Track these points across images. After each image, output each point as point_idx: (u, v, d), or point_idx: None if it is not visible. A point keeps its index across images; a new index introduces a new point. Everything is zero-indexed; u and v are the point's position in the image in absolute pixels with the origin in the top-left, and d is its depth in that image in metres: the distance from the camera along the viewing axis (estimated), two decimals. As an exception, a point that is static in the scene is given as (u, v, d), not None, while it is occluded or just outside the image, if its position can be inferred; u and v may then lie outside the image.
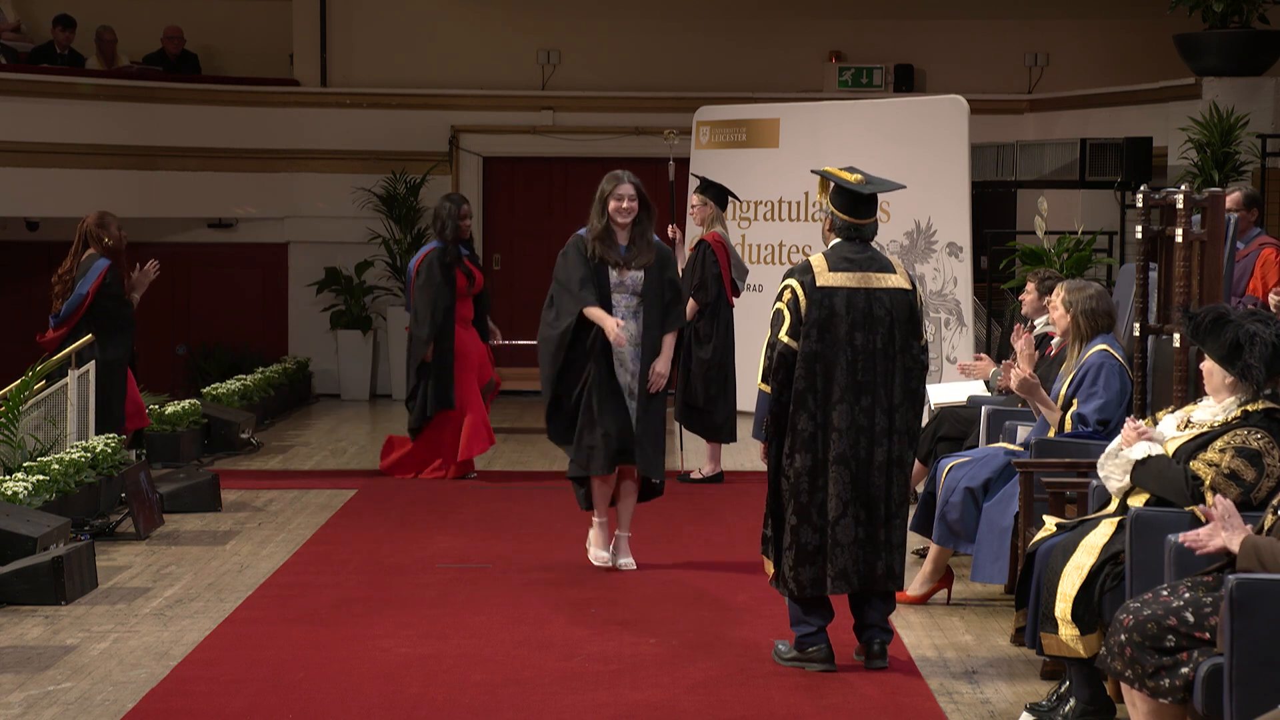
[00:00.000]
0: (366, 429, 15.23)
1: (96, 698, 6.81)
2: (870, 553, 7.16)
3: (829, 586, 7.15)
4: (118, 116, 16.55)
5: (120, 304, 11.66)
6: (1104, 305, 8.11)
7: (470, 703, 6.77)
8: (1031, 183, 14.45)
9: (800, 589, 7.16)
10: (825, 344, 7.13)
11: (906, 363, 7.19)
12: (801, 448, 7.14)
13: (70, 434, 10.86)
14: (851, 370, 7.13)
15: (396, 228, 17.40)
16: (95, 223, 11.77)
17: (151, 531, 10.10)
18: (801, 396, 7.13)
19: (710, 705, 6.74)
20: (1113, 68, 17.13)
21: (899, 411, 7.17)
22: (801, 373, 7.13)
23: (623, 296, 9.04)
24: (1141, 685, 5.50)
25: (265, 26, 18.29)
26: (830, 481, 7.13)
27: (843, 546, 7.12)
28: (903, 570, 7.31)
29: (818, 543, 7.14)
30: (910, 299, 7.22)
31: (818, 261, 7.23)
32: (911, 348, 7.20)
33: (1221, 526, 5.51)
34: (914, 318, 7.22)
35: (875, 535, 7.16)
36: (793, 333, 7.14)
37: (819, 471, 7.14)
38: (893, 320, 7.17)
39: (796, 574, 7.15)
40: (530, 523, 10.56)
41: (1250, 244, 10.31)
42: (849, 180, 7.25)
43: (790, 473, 7.16)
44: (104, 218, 11.82)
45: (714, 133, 15.59)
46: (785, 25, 17.82)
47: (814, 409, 7.14)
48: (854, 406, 7.13)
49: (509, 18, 17.86)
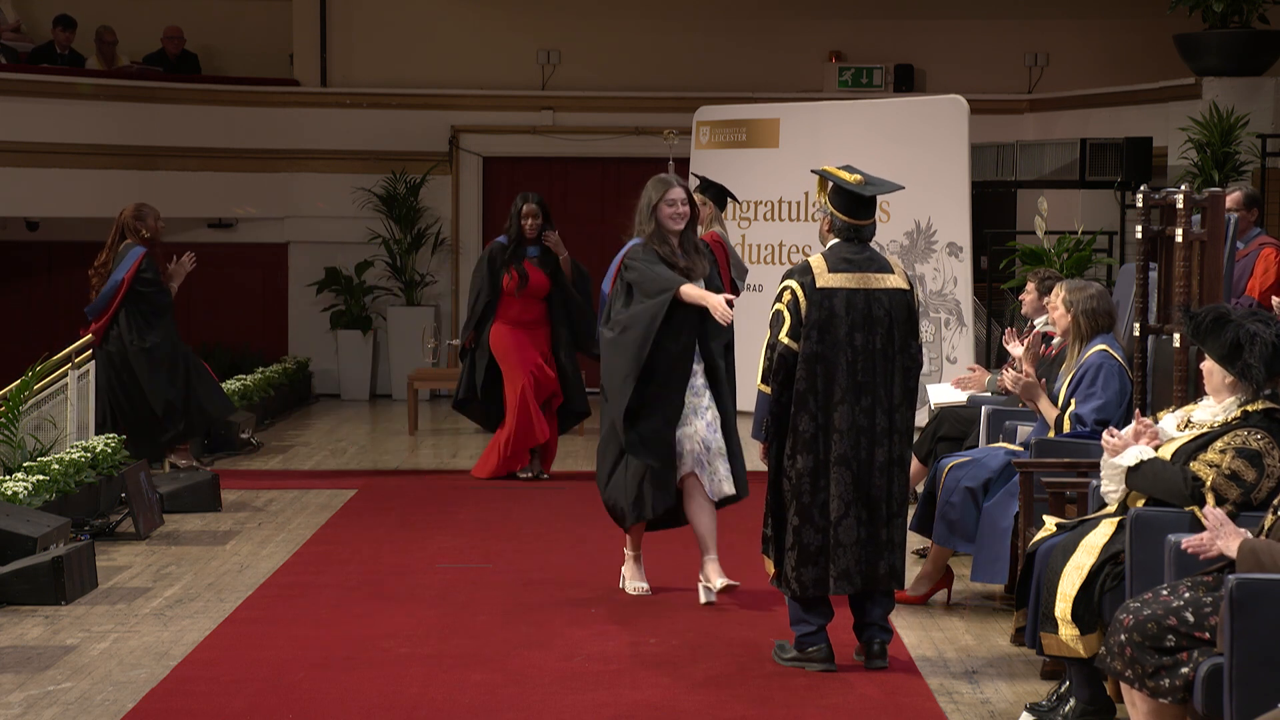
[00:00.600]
0: (366, 429, 15.23)
1: (96, 698, 6.81)
2: (872, 552, 7.17)
3: (832, 587, 7.15)
4: (118, 116, 16.55)
5: (158, 290, 11.75)
6: (1104, 305, 8.11)
7: (470, 703, 6.77)
8: (1031, 183, 14.45)
9: (803, 589, 7.16)
10: (826, 345, 7.13)
11: (905, 362, 7.20)
12: (803, 449, 7.14)
13: (70, 434, 10.86)
14: (852, 371, 7.13)
15: (396, 228, 17.41)
16: (133, 214, 11.88)
17: (151, 531, 10.10)
18: (802, 398, 7.13)
19: (710, 705, 6.74)
20: (1113, 68, 17.13)
21: (899, 411, 7.19)
22: (802, 374, 7.13)
23: None
24: (1141, 685, 5.50)
25: (265, 26, 18.29)
26: (832, 482, 7.13)
27: (845, 547, 7.13)
28: (904, 569, 7.31)
29: (820, 543, 7.14)
30: (908, 299, 7.23)
31: (817, 262, 7.24)
32: (910, 347, 7.22)
33: (1216, 537, 5.50)
34: (912, 318, 7.24)
35: (877, 535, 7.17)
36: (793, 334, 7.15)
37: (820, 472, 7.14)
38: (892, 320, 7.18)
39: (799, 574, 7.15)
40: (530, 523, 10.56)
41: (1250, 244, 10.30)
42: (849, 181, 7.25)
43: (792, 474, 7.16)
44: (141, 209, 11.93)
45: (714, 133, 15.60)
46: (785, 25, 17.82)
47: (815, 410, 7.14)
48: (854, 407, 7.13)
49: (509, 18, 17.87)
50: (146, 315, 11.70)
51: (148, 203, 12.14)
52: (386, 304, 17.48)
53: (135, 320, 11.75)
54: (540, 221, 11.89)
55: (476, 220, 17.71)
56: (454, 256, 17.62)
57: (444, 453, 13.72)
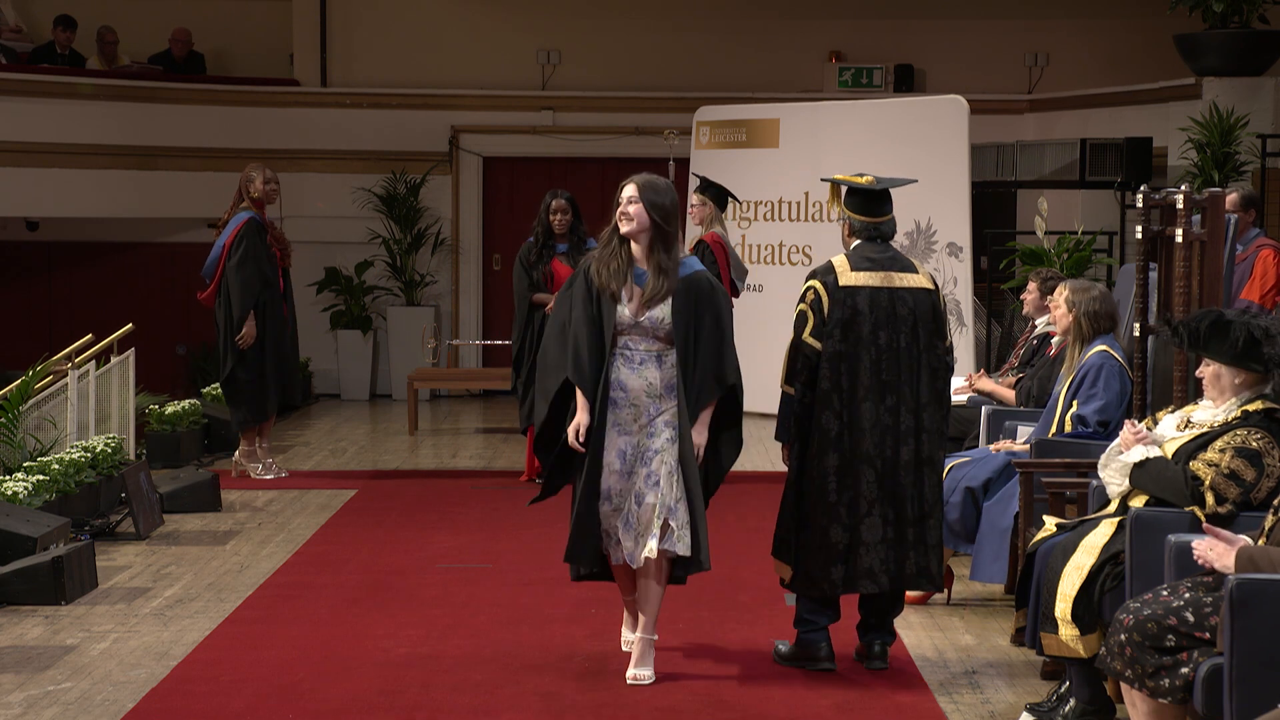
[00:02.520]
0: (366, 429, 15.23)
1: (96, 698, 6.81)
2: (899, 552, 7.14)
3: (857, 586, 7.13)
4: (118, 116, 16.54)
5: (253, 259, 11.71)
6: (1107, 307, 8.10)
7: (470, 703, 6.77)
8: (1031, 183, 14.44)
9: (832, 588, 7.14)
10: (849, 343, 7.11)
11: (932, 362, 7.18)
12: (828, 447, 7.12)
13: (70, 434, 10.86)
14: (876, 369, 7.12)
15: (396, 228, 17.40)
16: (245, 175, 11.92)
17: (151, 531, 10.10)
18: (826, 396, 7.11)
19: (710, 705, 6.74)
20: (1113, 68, 17.12)
21: (926, 411, 7.15)
22: (826, 372, 7.11)
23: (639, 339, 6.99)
24: (1141, 685, 5.50)
25: (265, 26, 18.29)
26: (856, 481, 7.12)
27: (868, 546, 7.11)
28: (940, 570, 7.28)
29: (847, 542, 7.12)
30: (933, 299, 7.21)
31: (840, 262, 7.24)
32: (936, 347, 7.20)
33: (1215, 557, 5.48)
34: (937, 317, 7.22)
35: (904, 534, 7.14)
36: (816, 333, 7.13)
37: (845, 470, 7.12)
38: (916, 319, 7.17)
39: (827, 573, 7.12)
40: (530, 523, 10.55)
41: (1249, 246, 10.27)
42: (858, 181, 7.28)
43: (816, 473, 7.13)
44: (253, 169, 11.94)
45: (714, 133, 15.59)
46: (785, 25, 17.82)
47: (839, 408, 7.12)
48: (879, 405, 7.12)
49: (509, 18, 17.86)
50: (245, 283, 11.79)
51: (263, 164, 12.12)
52: (386, 304, 17.48)
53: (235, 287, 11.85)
54: (569, 218, 11.65)
55: (477, 220, 17.71)
56: (454, 256, 17.62)
57: (444, 453, 13.72)
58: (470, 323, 17.65)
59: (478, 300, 17.74)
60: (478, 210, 17.70)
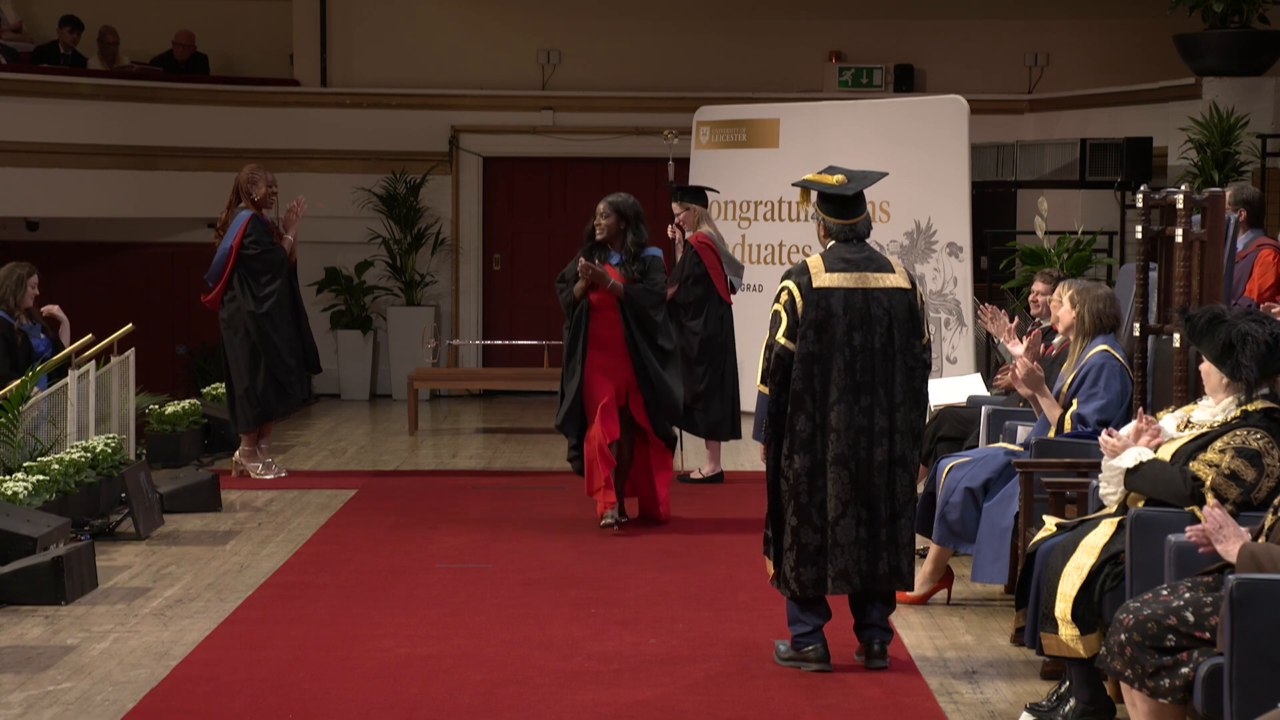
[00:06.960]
0: (366, 429, 15.23)
1: (96, 698, 6.81)
2: (872, 552, 7.16)
3: (830, 587, 7.15)
4: (118, 116, 16.55)
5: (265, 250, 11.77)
6: (1111, 309, 8.09)
7: (470, 703, 6.77)
8: (1031, 183, 14.45)
9: (802, 589, 7.16)
10: (822, 344, 7.13)
11: (909, 361, 7.18)
12: (800, 449, 7.14)
13: (70, 434, 10.86)
14: (849, 370, 7.13)
15: (396, 228, 17.40)
16: (245, 178, 11.98)
17: (151, 531, 10.10)
18: (799, 397, 7.13)
19: (710, 705, 6.74)
20: (1113, 68, 17.13)
21: (900, 411, 7.17)
22: (799, 373, 7.13)
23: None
24: (1141, 685, 5.50)
25: (265, 26, 18.29)
26: (829, 482, 7.13)
27: (843, 547, 7.13)
28: (911, 570, 7.29)
29: (819, 543, 7.14)
30: (910, 298, 7.21)
31: (814, 263, 7.24)
32: (913, 347, 7.20)
33: (1217, 538, 5.49)
34: (914, 317, 7.22)
35: (877, 535, 7.16)
36: (790, 334, 7.15)
37: (818, 472, 7.14)
38: (892, 320, 7.17)
39: (798, 574, 7.15)
40: (530, 523, 10.55)
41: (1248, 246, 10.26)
42: (829, 184, 7.26)
43: (790, 474, 7.16)
44: (254, 172, 11.98)
45: (714, 133, 15.59)
46: (785, 25, 17.82)
47: (812, 410, 7.14)
48: (853, 407, 7.13)
49: (509, 18, 17.87)
50: (259, 277, 11.79)
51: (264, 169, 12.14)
52: (386, 304, 17.48)
53: (249, 285, 11.85)
54: (611, 222, 10.25)
55: (477, 220, 17.71)
56: (454, 256, 17.62)
57: (444, 453, 13.73)
58: (470, 323, 17.65)
59: (478, 300, 17.74)
60: (478, 210, 17.70)
